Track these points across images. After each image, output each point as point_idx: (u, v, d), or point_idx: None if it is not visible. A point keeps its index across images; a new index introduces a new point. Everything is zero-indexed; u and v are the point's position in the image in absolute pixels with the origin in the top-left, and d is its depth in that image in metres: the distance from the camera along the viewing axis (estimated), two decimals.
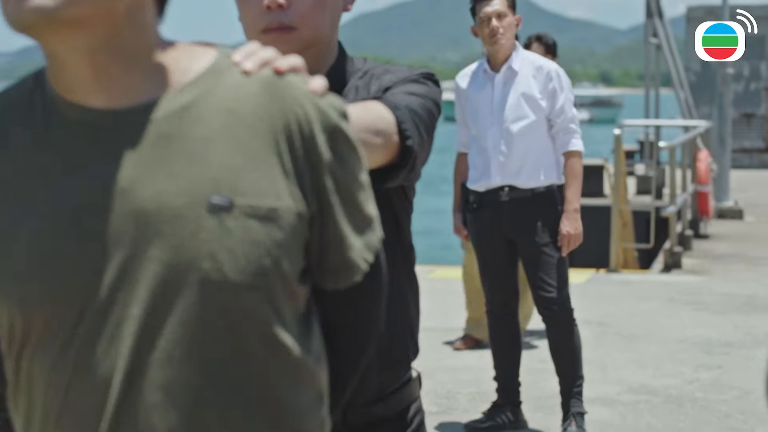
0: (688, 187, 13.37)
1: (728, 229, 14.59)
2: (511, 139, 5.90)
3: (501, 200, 5.93)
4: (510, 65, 5.96)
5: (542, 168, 5.91)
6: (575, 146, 5.93)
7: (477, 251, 6.08)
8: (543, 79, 5.93)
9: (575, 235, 5.84)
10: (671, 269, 11.39)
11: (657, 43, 18.63)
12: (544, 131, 5.93)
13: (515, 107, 5.92)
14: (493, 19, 5.87)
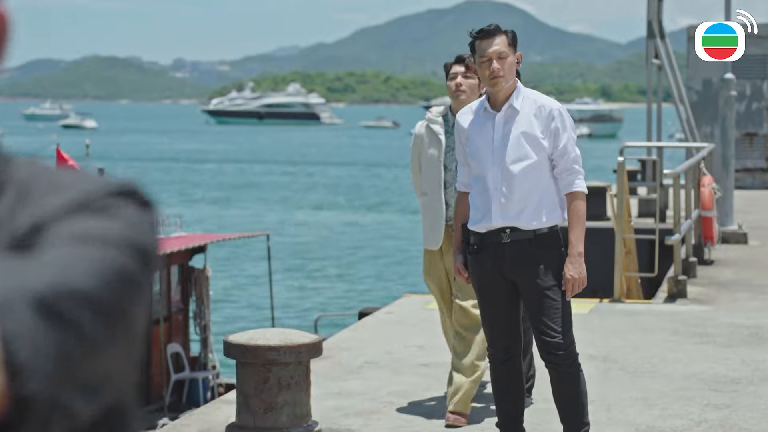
0: (692, 212, 13.20)
1: (733, 254, 14.42)
2: (512, 180, 5.76)
3: (502, 242, 5.78)
4: (511, 104, 5.82)
5: (545, 209, 5.76)
6: (579, 187, 5.79)
7: (478, 294, 5.93)
8: (545, 119, 5.79)
9: (579, 280, 5.70)
10: (676, 298, 11.22)
11: (659, 64, 18.48)
12: (546, 171, 5.78)
13: (516, 147, 5.78)
14: (494, 60, 5.74)
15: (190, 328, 18.96)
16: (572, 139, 5.81)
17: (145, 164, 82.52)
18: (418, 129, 7.02)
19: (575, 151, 5.81)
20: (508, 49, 5.79)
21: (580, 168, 5.82)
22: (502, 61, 5.77)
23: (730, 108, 15.56)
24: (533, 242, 5.74)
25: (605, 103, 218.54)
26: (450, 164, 6.79)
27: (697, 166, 13.60)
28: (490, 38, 5.81)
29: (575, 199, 5.78)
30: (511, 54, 5.78)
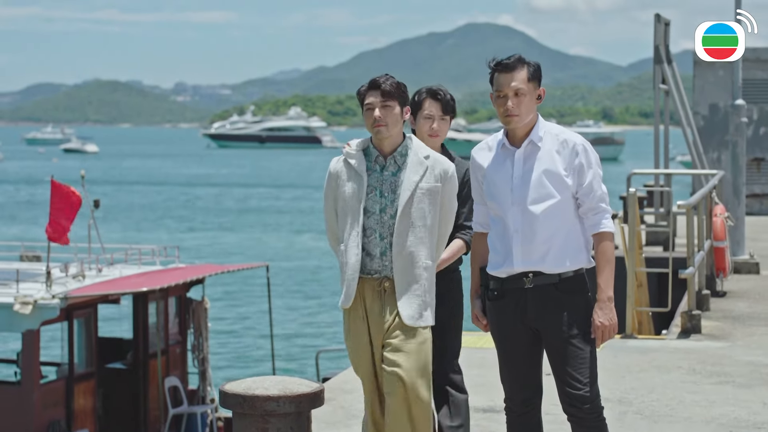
0: (704, 243, 12.81)
1: (745, 284, 14.03)
2: (534, 221, 5.36)
3: (525, 287, 5.39)
4: (531, 140, 5.43)
5: (570, 251, 5.37)
6: (606, 227, 5.39)
7: (497, 343, 5.53)
8: (568, 154, 5.39)
9: (610, 327, 5.32)
10: (690, 334, 10.82)
11: (666, 89, 18.14)
12: (570, 211, 5.39)
13: (538, 186, 5.37)
14: (510, 97, 5.38)
15: (188, 361, 18.58)
16: (598, 176, 5.41)
17: (146, 188, 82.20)
18: (333, 166, 5.82)
19: (602, 189, 5.41)
20: (528, 85, 5.38)
21: (608, 206, 5.42)
22: (519, 98, 5.38)
23: (741, 135, 15.19)
24: (558, 287, 5.35)
25: (606, 125, 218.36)
26: (372, 207, 5.69)
27: (708, 195, 13.23)
28: (508, 73, 5.40)
29: (603, 240, 5.38)
30: (530, 90, 5.38)
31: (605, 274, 5.34)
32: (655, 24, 18.21)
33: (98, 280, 16.98)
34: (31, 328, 15.74)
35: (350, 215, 5.69)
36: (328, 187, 5.80)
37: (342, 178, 5.74)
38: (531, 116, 5.42)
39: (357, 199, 5.67)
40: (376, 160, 5.72)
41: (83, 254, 18.00)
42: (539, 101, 5.47)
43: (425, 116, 6.23)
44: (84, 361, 16.72)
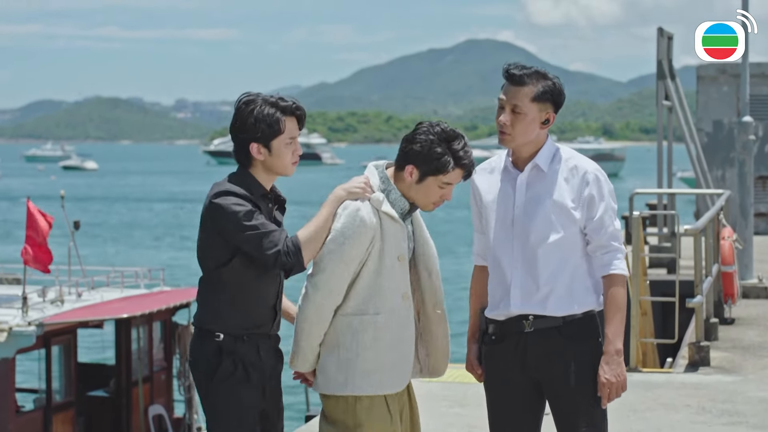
0: (712, 267, 12.14)
1: (754, 310, 13.36)
2: (535, 258, 4.71)
3: (524, 331, 4.73)
4: (536, 163, 4.76)
5: (576, 293, 4.72)
6: (618, 269, 4.71)
7: (490, 394, 4.86)
8: (578, 183, 4.71)
9: (617, 384, 4.65)
10: (698, 366, 10.14)
11: (669, 106, 17.50)
12: (577, 249, 4.73)
13: (541, 218, 4.71)
14: (505, 112, 4.72)
15: (174, 389, 17.92)
16: (611, 210, 4.74)
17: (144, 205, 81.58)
18: (369, 218, 4.74)
19: (614, 225, 4.73)
20: (529, 105, 4.71)
21: (620, 245, 4.75)
22: (515, 116, 4.72)
23: (748, 153, 14.53)
24: (562, 331, 4.70)
25: (607, 141, 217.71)
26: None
27: (716, 218, 12.56)
28: (514, 85, 4.75)
29: (613, 284, 4.70)
30: (532, 111, 4.71)
31: (614, 324, 4.66)
32: (657, 38, 17.59)
33: (78, 305, 16.31)
34: (5, 356, 15.05)
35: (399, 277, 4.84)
36: (363, 240, 4.75)
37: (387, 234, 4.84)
38: (528, 140, 4.74)
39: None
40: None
41: (63, 277, 17.33)
42: (545, 126, 4.77)
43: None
44: (63, 389, 16.05)
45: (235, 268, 4.69)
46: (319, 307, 4.72)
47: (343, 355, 4.72)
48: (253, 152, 4.76)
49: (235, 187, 4.72)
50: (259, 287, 4.74)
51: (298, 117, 4.83)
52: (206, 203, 4.78)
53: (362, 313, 4.72)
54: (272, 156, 4.77)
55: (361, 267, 4.72)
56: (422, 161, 4.74)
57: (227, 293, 4.71)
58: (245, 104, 4.79)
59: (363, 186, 4.77)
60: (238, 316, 4.72)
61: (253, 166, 4.79)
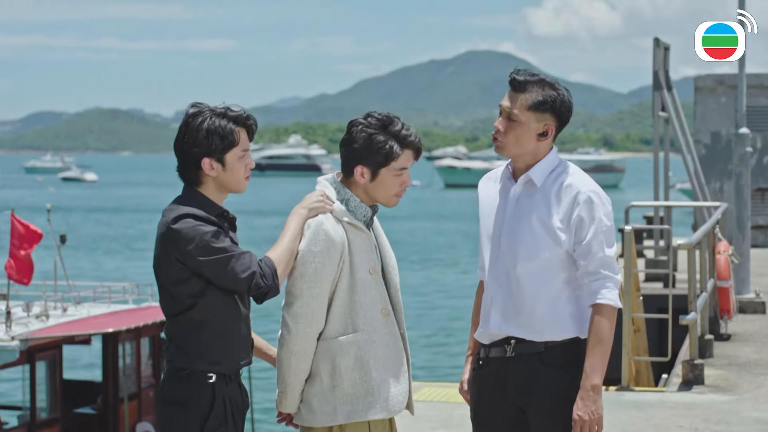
0: (707, 282, 11.87)
1: (751, 326, 13.08)
2: (517, 278, 4.44)
3: (506, 356, 4.47)
4: (530, 177, 4.48)
5: (560, 319, 4.43)
6: (606, 299, 4.37)
7: (473, 419, 4.61)
8: (568, 203, 4.41)
9: (590, 422, 4.34)
10: (692, 385, 9.87)
11: (665, 117, 17.25)
12: (562, 272, 4.43)
13: (526, 235, 4.43)
14: (502, 117, 4.47)
15: None
16: (602, 234, 4.39)
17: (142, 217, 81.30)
18: (335, 231, 4.46)
19: (605, 251, 4.39)
20: (524, 113, 4.43)
21: (613, 273, 4.41)
22: (510, 124, 4.45)
23: (745, 165, 14.26)
24: (544, 358, 4.42)
25: (607, 152, 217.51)
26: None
27: (711, 231, 12.29)
28: (513, 91, 4.49)
29: (599, 314, 4.36)
30: (527, 121, 4.43)
31: (593, 357, 4.34)
32: (654, 48, 17.35)
33: (63, 320, 16.04)
34: None
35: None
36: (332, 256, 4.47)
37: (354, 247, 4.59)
38: (523, 151, 4.46)
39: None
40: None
41: (50, 292, 17.05)
42: (543, 139, 4.47)
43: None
44: (48, 406, 15.78)
45: (211, 299, 4.31)
46: (303, 337, 4.39)
47: (327, 383, 4.41)
48: (205, 168, 4.41)
49: (191, 209, 4.35)
50: (237, 316, 4.38)
51: (248, 128, 4.51)
52: (162, 231, 4.36)
53: (340, 334, 4.42)
54: (226, 171, 4.43)
55: (335, 286, 4.42)
56: (369, 156, 4.46)
57: (209, 328, 4.31)
58: (193, 117, 4.44)
59: (321, 199, 4.49)
60: (226, 353, 4.35)
61: (203, 183, 4.44)
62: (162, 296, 4.42)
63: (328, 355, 4.41)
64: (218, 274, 4.29)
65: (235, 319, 4.39)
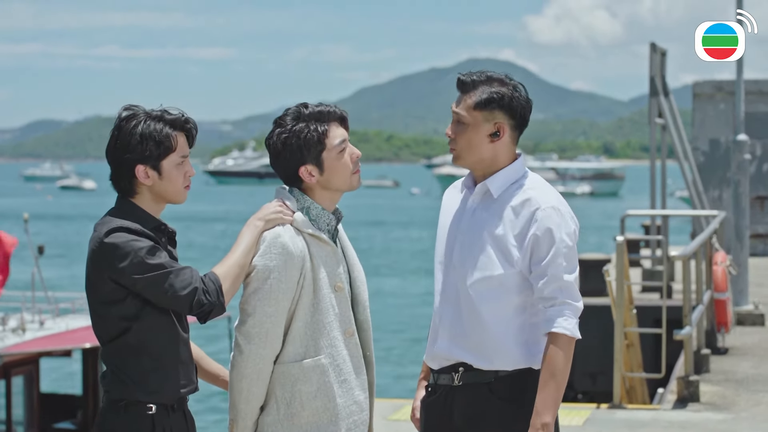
0: (704, 294, 11.43)
1: (749, 339, 12.65)
2: (467, 297, 4.01)
3: (453, 385, 4.04)
4: (487, 187, 4.05)
5: (511, 347, 3.99)
6: (561, 328, 3.91)
7: None
8: (525, 219, 3.96)
9: None
10: (687, 403, 9.43)
11: (662, 124, 16.83)
12: (516, 294, 3.98)
13: (478, 252, 3.99)
14: (452, 123, 4.07)
15: None
16: (561, 256, 3.92)
17: None
18: (294, 244, 4.03)
19: (563, 275, 3.92)
20: (473, 113, 4.02)
21: (572, 299, 3.92)
22: (460, 128, 4.05)
23: (744, 173, 13.83)
24: (493, 389, 3.99)
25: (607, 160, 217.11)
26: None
27: (708, 242, 11.86)
28: (461, 93, 4.10)
29: (553, 344, 3.90)
30: (475, 123, 4.02)
31: (545, 393, 3.88)
32: (650, 54, 16.94)
33: (41, 333, 15.58)
34: None
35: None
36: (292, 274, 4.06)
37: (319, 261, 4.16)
38: (479, 157, 4.04)
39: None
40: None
41: (28, 303, 16.59)
42: (495, 140, 4.04)
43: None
44: (24, 422, 15.33)
45: (147, 322, 3.90)
46: (257, 359, 3.95)
47: (284, 412, 3.97)
48: (139, 176, 3.99)
49: (125, 222, 3.94)
50: (176, 340, 3.95)
51: (187, 132, 4.08)
52: (93, 247, 3.94)
53: (302, 358, 3.98)
54: (162, 179, 4.00)
55: (295, 304, 3.99)
56: (307, 152, 4.06)
57: (146, 354, 3.90)
58: (126, 120, 4.01)
59: (280, 210, 4.05)
60: (166, 381, 3.93)
61: (138, 194, 4.02)
62: (94, 320, 4.01)
63: (286, 380, 3.98)
64: (156, 293, 3.88)
65: (174, 344, 3.96)
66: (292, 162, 4.08)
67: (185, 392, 4.02)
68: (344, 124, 4.17)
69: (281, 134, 4.09)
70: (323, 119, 4.10)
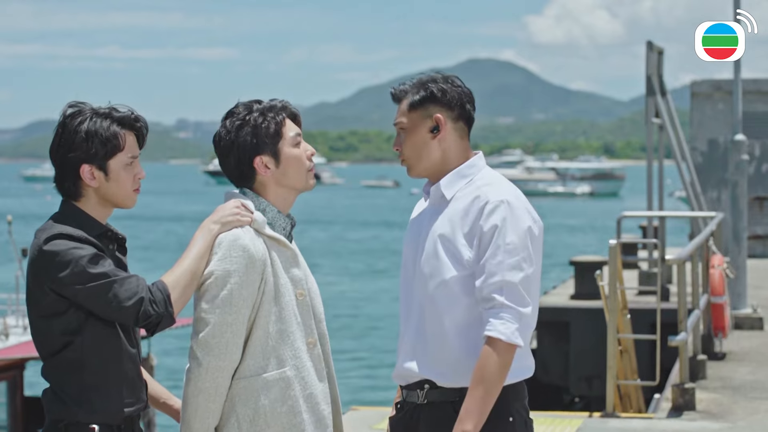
0: (700, 298, 11.15)
1: (747, 343, 12.36)
2: (424, 308, 3.77)
3: (417, 402, 3.79)
4: (439, 188, 3.82)
5: (471, 360, 3.71)
6: (496, 331, 3.62)
7: None
8: (474, 215, 3.72)
9: None
10: (682, 411, 9.14)
11: (660, 124, 16.55)
12: (471, 299, 3.72)
13: (431, 257, 3.76)
14: (396, 135, 3.89)
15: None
16: (503, 253, 3.64)
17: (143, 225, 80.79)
18: (255, 246, 3.73)
19: (503, 273, 3.63)
20: (409, 115, 3.85)
21: (513, 302, 3.63)
22: (402, 135, 3.87)
23: (741, 174, 13.55)
24: (457, 407, 3.71)
25: (608, 160, 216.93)
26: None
27: (705, 244, 11.57)
28: (397, 104, 3.97)
29: (488, 348, 3.62)
30: (412, 122, 3.84)
31: (472, 399, 3.61)
32: (647, 53, 16.69)
33: (25, 338, 15.29)
34: None
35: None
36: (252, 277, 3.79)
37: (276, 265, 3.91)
38: (429, 161, 3.83)
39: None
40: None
41: (14, 306, 16.32)
42: (437, 135, 3.82)
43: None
44: (8, 427, 15.05)
45: (90, 336, 3.63)
46: (215, 372, 3.65)
47: (247, 430, 3.68)
48: (84, 177, 3.72)
49: (67, 228, 3.66)
50: (120, 355, 3.68)
51: (137, 131, 3.81)
52: (33, 256, 3.67)
53: (263, 371, 3.69)
54: (109, 181, 3.74)
55: (255, 312, 3.70)
56: (263, 142, 3.79)
57: (88, 371, 3.63)
58: (71, 117, 3.75)
59: (237, 211, 3.75)
60: (109, 400, 3.66)
61: (83, 197, 3.75)
62: (34, 334, 3.74)
63: (249, 396, 3.69)
64: (99, 304, 3.60)
65: (117, 359, 3.69)
66: (247, 152, 3.79)
67: (132, 411, 3.74)
68: (297, 121, 3.91)
69: (234, 122, 3.81)
70: (278, 111, 3.85)
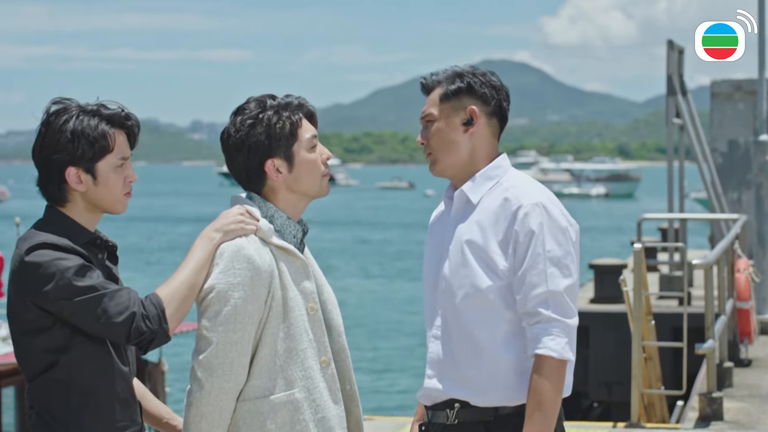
0: (726, 303, 10.81)
1: None
2: (456, 323, 3.44)
3: (447, 423, 3.47)
4: (463, 192, 3.49)
5: (507, 378, 3.41)
6: (546, 348, 3.33)
7: None
8: (507, 221, 3.39)
9: None
10: (710, 421, 8.81)
11: (680, 124, 16.23)
12: (507, 311, 3.41)
13: (461, 267, 3.42)
14: (422, 128, 3.56)
15: None
16: (545, 261, 3.34)
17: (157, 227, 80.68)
18: (261, 257, 3.43)
19: (548, 284, 3.33)
20: (439, 107, 3.49)
21: (560, 315, 3.33)
22: (429, 127, 3.52)
23: (766, 175, 13.24)
24: (490, 428, 3.41)
25: (623, 161, 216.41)
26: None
27: (730, 247, 11.24)
28: (426, 95, 3.59)
29: (538, 369, 3.33)
30: (442, 113, 3.50)
31: (532, 425, 3.31)
32: (667, 52, 16.37)
33: None
34: None
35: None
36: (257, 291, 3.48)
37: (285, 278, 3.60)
38: (457, 158, 3.50)
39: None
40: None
41: None
42: (470, 128, 3.48)
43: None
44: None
45: (77, 355, 3.32)
46: (218, 394, 3.35)
47: None
48: (71, 180, 3.41)
49: (51, 236, 3.34)
50: (111, 375, 3.37)
51: (128, 130, 3.51)
52: (14, 267, 3.34)
53: (270, 392, 3.39)
54: (98, 185, 3.43)
55: (261, 329, 3.39)
56: (276, 143, 3.46)
57: (77, 390, 3.33)
58: (55, 115, 3.45)
59: (242, 218, 3.43)
60: (99, 422, 3.35)
61: (69, 202, 3.44)
62: (17, 351, 3.41)
63: (254, 420, 3.38)
64: (87, 320, 3.27)
65: (108, 379, 3.37)
66: (258, 154, 3.47)
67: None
68: (313, 121, 3.57)
69: (246, 120, 3.48)
70: (294, 110, 3.50)
